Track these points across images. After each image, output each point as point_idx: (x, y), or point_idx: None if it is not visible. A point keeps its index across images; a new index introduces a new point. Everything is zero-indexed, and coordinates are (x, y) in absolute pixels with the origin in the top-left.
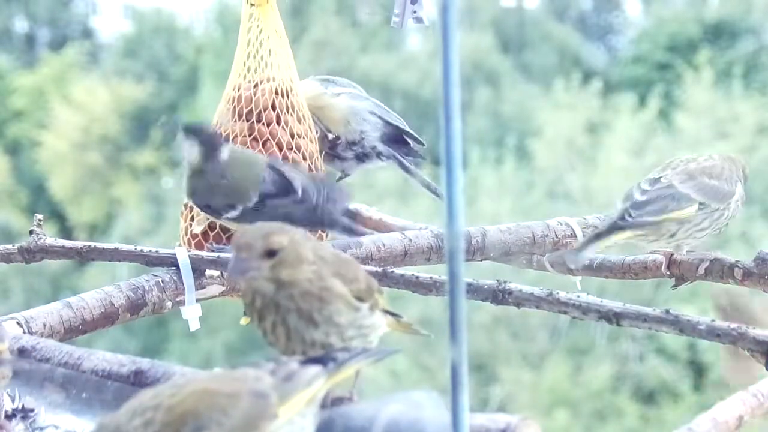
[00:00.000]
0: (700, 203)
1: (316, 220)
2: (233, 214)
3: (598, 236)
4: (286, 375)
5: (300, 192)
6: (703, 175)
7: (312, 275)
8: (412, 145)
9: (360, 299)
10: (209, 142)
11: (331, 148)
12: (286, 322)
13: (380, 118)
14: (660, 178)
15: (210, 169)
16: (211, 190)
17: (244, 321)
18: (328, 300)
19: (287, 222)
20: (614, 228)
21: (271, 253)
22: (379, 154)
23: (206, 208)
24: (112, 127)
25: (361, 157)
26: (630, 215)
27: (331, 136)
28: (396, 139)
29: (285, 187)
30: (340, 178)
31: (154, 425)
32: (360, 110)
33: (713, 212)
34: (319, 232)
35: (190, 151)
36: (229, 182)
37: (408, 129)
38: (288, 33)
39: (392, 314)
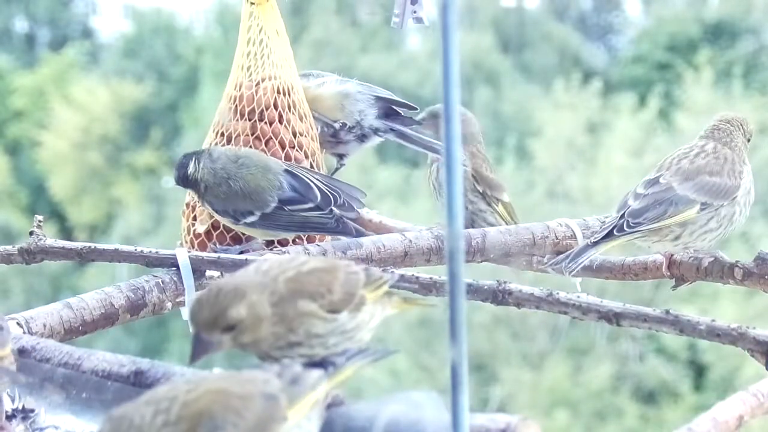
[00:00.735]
0: (702, 203)
1: (330, 228)
2: (251, 219)
3: (594, 245)
4: (292, 378)
5: (319, 198)
6: (702, 174)
7: (275, 327)
8: (402, 114)
9: (334, 311)
10: (182, 176)
11: (333, 135)
12: (271, 356)
13: (369, 94)
14: (658, 178)
15: (211, 183)
16: (226, 197)
17: None
18: (300, 323)
19: (303, 228)
20: (611, 237)
21: (230, 329)
22: (376, 131)
23: (224, 213)
24: (112, 127)
25: (361, 138)
26: (629, 224)
27: (338, 125)
28: (387, 112)
29: (304, 193)
30: (337, 170)
31: (170, 415)
32: (349, 92)
33: (718, 210)
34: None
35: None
36: (245, 188)
37: (396, 97)
38: (288, 32)
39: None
